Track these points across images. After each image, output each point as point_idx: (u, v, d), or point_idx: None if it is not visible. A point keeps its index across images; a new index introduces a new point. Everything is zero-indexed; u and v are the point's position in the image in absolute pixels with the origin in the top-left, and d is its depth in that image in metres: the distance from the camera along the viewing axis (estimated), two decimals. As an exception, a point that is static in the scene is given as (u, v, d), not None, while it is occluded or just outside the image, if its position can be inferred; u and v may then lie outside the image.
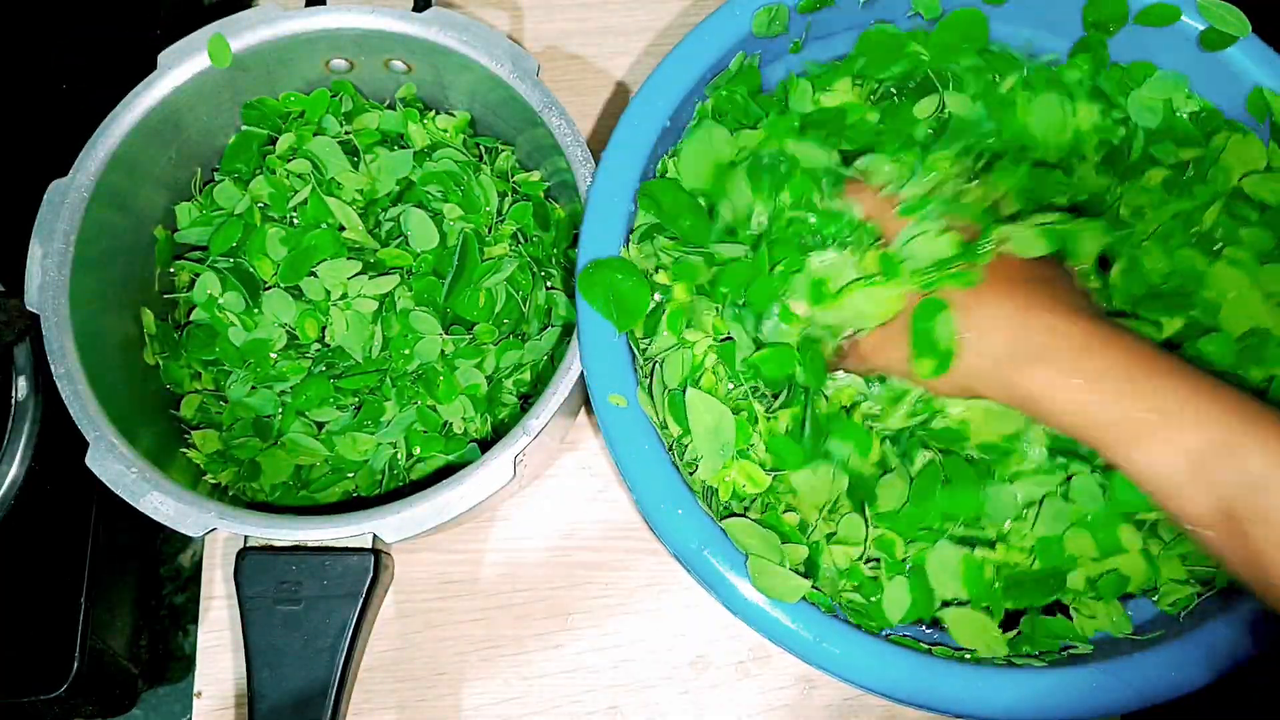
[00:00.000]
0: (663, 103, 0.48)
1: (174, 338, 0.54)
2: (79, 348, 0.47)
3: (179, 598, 0.61)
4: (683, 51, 0.49)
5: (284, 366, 0.53)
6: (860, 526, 0.45)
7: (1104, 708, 0.40)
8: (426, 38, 0.53)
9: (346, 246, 0.54)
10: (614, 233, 0.46)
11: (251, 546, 0.47)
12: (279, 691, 0.45)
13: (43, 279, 0.48)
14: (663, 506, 0.42)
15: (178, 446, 0.53)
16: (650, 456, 0.43)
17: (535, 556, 0.57)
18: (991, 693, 0.40)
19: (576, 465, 0.59)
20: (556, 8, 0.68)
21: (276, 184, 0.55)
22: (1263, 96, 0.49)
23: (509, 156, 0.58)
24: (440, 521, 0.46)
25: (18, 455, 0.53)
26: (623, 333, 0.45)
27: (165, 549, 0.62)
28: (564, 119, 0.51)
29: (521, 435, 0.47)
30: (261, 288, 0.54)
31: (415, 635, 0.56)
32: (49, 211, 0.49)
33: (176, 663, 0.60)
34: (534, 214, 0.56)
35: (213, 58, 0.52)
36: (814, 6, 0.50)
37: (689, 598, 0.56)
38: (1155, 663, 0.41)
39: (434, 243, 0.54)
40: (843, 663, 0.41)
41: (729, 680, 0.55)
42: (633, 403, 0.44)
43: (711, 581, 0.42)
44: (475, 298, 0.54)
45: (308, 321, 0.53)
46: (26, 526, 0.53)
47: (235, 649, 0.55)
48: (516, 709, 0.55)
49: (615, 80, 0.67)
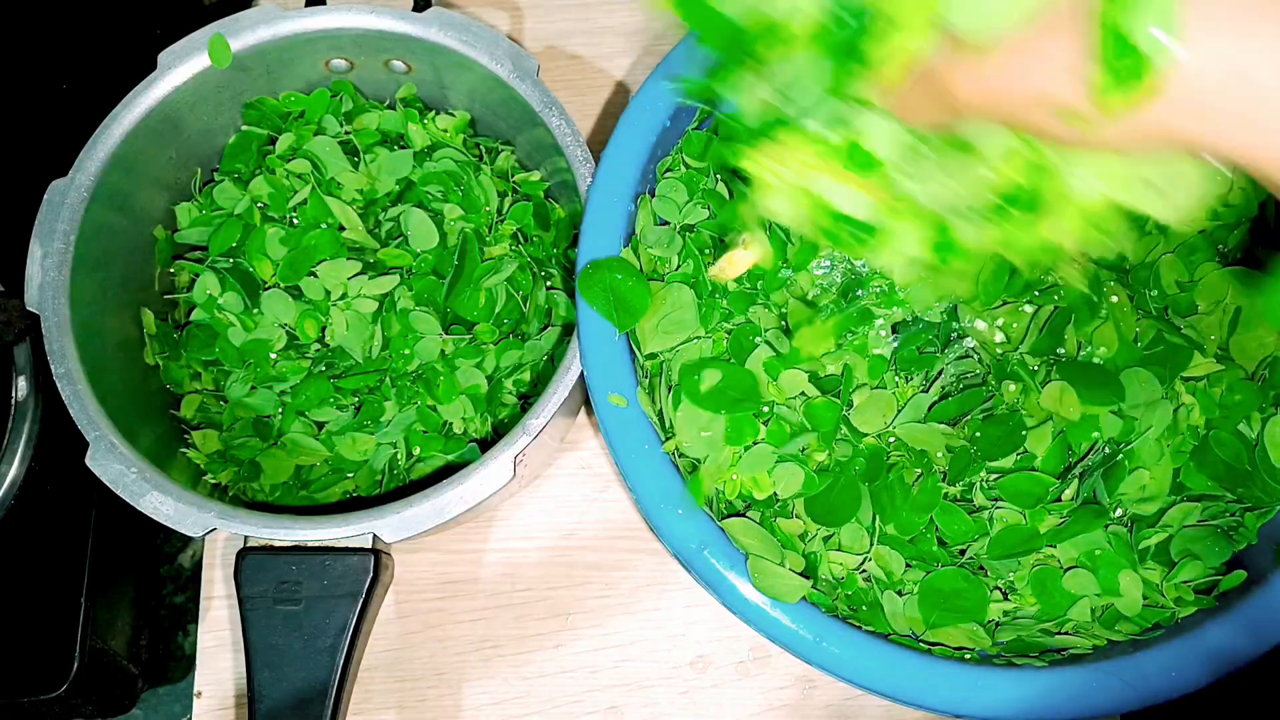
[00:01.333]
0: (663, 103, 0.48)
1: (174, 338, 0.54)
2: (79, 348, 0.48)
3: (179, 598, 0.61)
4: (683, 51, 0.49)
5: (284, 366, 0.53)
6: (860, 536, 0.45)
7: (1104, 708, 0.40)
8: (426, 38, 0.53)
9: (346, 246, 0.54)
10: (614, 233, 0.46)
11: (251, 546, 0.47)
12: (279, 691, 0.45)
13: (43, 279, 0.48)
14: (663, 506, 0.42)
15: (178, 446, 0.53)
16: (650, 456, 0.43)
17: (535, 556, 0.57)
18: (991, 693, 0.40)
19: (576, 465, 0.59)
20: (556, 8, 0.68)
21: (276, 184, 0.55)
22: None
23: (509, 156, 0.58)
24: (440, 521, 0.46)
25: (18, 455, 0.53)
26: (623, 333, 0.45)
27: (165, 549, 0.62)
28: (564, 119, 0.51)
29: (521, 435, 0.47)
30: (261, 288, 0.54)
31: (415, 635, 0.56)
32: (49, 211, 0.49)
33: (176, 663, 0.60)
34: (534, 214, 0.56)
35: (213, 58, 0.52)
36: (814, 6, 0.50)
37: (689, 598, 0.56)
38: (1155, 663, 0.40)
39: (434, 242, 0.54)
40: (843, 663, 0.41)
41: (729, 680, 0.55)
42: (633, 403, 0.44)
43: (711, 581, 0.42)
44: (475, 298, 0.54)
45: (307, 322, 0.53)
46: (26, 526, 0.53)
47: (235, 649, 0.55)
48: (516, 709, 0.55)
49: (615, 80, 0.67)
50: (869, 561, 0.45)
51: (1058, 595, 0.44)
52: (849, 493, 0.45)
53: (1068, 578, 0.44)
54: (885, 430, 0.46)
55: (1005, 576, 0.45)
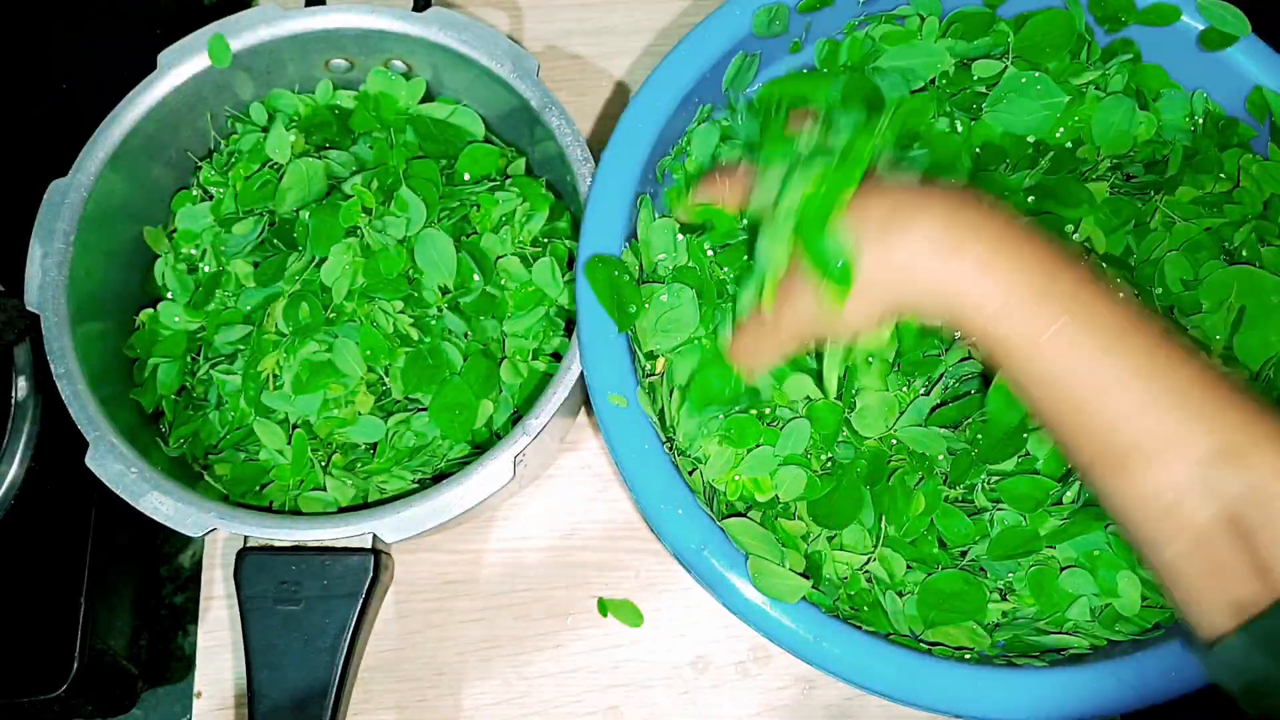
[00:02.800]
0: (663, 103, 0.48)
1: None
2: (79, 348, 0.48)
3: (179, 598, 0.61)
4: (683, 51, 0.49)
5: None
6: (863, 536, 0.45)
7: (1104, 708, 0.40)
8: (426, 38, 0.53)
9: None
10: (614, 233, 0.46)
11: (251, 546, 0.47)
12: (279, 691, 0.45)
13: (43, 279, 0.48)
14: (663, 506, 0.42)
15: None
16: (650, 456, 0.43)
17: (535, 556, 0.57)
18: (991, 693, 0.40)
19: (576, 465, 0.59)
20: (556, 8, 0.68)
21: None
22: (1263, 96, 0.49)
23: (519, 165, 0.57)
24: (440, 521, 0.46)
25: (18, 455, 0.53)
26: (622, 331, 0.45)
27: (165, 549, 0.62)
28: (564, 119, 0.51)
29: (521, 435, 0.47)
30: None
31: (415, 635, 0.56)
32: (49, 211, 0.49)
33: (176, 663, 0.60)
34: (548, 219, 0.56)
35: (213, 58, 0.52)
36: (814, 6, 0.50)
37: (689, 598, 0.56)
38: (1155, 663, 0.40)
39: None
40: (843, 663, 0.41)
41: (729, 680, 0.55)
42: (633, 403, 0.44)
43: (711, 581, 0.42)
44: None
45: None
46: (26, 526, 0.53)
47: (235, 649, 0.55)
48: (516, 709, 0.55)
49: (615, 80, 0.67)
50: (872, 562, 0.45)
51: (1055, 595, 0.44)
52: (851, 495, 0.45)
53: (1064, 577, 0.44)
54: (887, 434, 0.46)
55: (1004, 577, 0.45)
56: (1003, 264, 0.35)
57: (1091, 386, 0.34)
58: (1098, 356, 0.33)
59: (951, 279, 0.35)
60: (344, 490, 0.50)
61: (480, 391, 0.51)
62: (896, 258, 0.36)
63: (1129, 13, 0.50)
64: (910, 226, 0.36)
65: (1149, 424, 0.33)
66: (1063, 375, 0.34)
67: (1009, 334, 0.35)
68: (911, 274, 0.36)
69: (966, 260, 0.35)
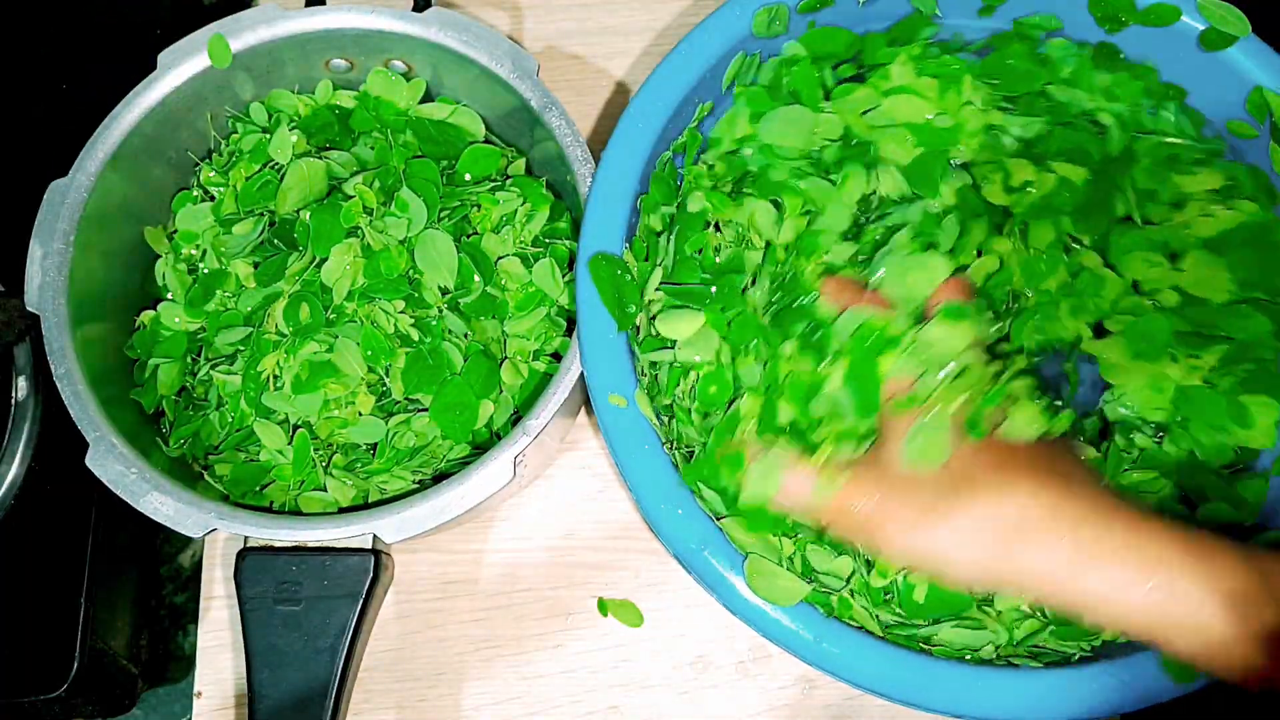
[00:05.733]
0: (662, 103, 0.48)
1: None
2: (79, 348, 0.48)
3: (179, 598, 0.61)
4: (683, 51, 0.49)
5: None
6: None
7: (1104, 708, 0.40)
8: (426, 38, 0.53)
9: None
10: (614, 233, 0.46)
11: (251, 546, 0.47)
12: (279, 691, 0.45)
13: (43, 279, 0.48)
14: (663, 506, 0.42)
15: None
16: (650, 456, 0.43)
17: (535, 556, 0.57)
18: (991, 693, 0.40)
19: (576, 465, 0.59)
20: (556, 8, 0.68)
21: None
22: (1263, 96, 0.49)
23: (519, 165, 0.58)
24: (440, 522, 0.46)
25: (18, 455, 0.53)
26: (623, 332, 0.45)
27: (165, 549, 0.62)
28: (564, 119, 0.51)
29: (521, 435, 0.47)
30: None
31: (415, 635, 0.56)
32: (49, 211, 0.49)
33: (176, 663, 0.60)
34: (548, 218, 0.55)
35: (213, 58, 0.52)
36: (814, 6, 0.50)
37: (689, 598, 0.56)
38: (1155, 663, 0.40)
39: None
40: (843, 663, 0.41)
41: (729, 680, 0.55)
42: (633, 403, 0.44)
43: (711, 582, 0.42)
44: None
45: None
46: (26, 526, 0.53)
47: (235, 649, 0.55)
48: (516, 709, 0.55)
49: (615, 80, 0.66)
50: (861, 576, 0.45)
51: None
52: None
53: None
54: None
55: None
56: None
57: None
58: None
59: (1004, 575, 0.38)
60: (344, 490, 0.50)
61: (481, 392, 0.51)
62: (964, 524, 0.38)
63: (1129, 13, 0.50)
64: (988, 500, 0.38)
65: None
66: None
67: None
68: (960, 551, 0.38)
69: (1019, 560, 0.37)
